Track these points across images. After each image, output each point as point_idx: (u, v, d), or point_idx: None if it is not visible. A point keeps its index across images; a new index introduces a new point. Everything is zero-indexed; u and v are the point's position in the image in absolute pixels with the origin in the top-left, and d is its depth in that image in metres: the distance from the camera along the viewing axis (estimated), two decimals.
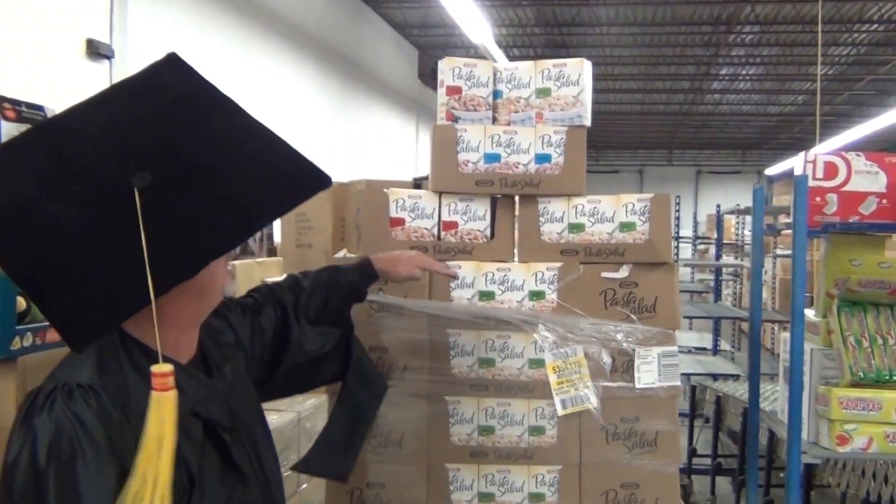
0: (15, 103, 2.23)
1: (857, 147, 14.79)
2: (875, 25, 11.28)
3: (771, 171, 18.33)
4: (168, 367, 1.15)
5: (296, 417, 2.79)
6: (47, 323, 1.74)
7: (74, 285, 1.15)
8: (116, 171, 1.14)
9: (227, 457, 1.33)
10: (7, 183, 1.15)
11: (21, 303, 1.67)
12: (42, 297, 1.18)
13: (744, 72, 14.85)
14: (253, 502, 1.37)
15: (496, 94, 2.11)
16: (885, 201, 2.97)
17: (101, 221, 1.15)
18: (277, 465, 1.51)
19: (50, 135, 1.18)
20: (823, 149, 13.88)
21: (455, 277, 2.00)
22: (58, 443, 1.12)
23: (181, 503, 1.21)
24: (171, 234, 1.16)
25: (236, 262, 3.13)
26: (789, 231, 2.94)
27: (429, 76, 13.84)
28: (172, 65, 1.21)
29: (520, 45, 13.22)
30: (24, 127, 2.20)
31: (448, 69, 2.09)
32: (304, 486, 2.79)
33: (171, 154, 1.18)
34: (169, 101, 1.20)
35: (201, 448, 1.27)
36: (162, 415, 1.13)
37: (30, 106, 2.28)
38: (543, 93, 2.08)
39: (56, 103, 2.39)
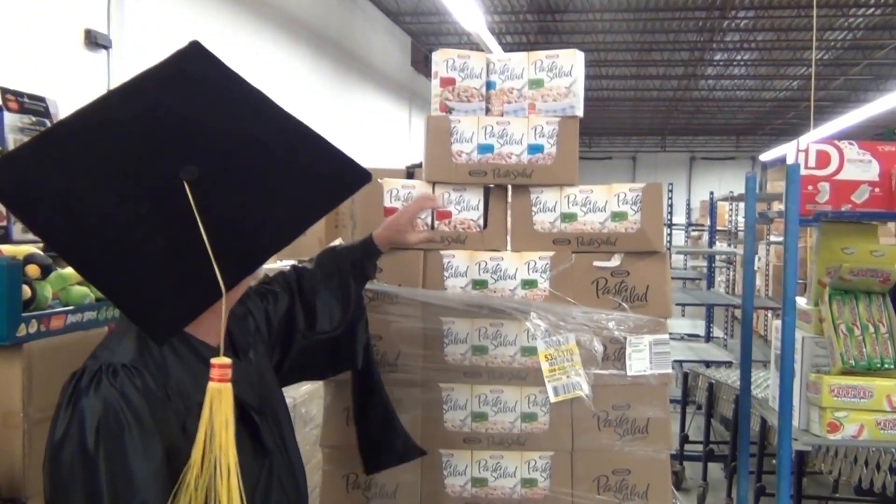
0: (17, 94, 2.23)
1: (852, 132, 14.82)
2: (871, 9, 11.26)
3: (765, 156, 18.35)
4: (227, 361, 1.18)
5: (292, 403, 2.81)
6: (52, 310, 1.76)
7: (142, 281, 1.16)
8: (162, 164, 1.14)
9: (257, 436, 1.38)
10: (47, 176, 1.13)
11: (26, 290, 1.69)
12: (110, 293, 1.19)
13: (738, 57, 14.82)
14: (278, 479, 1.41)
15: (489, 85, 2.11)
16: (877, 190, 2.99)
17: (158, 217, 1.15)
18: (296, 444, 1.55)
19: (80, 128, 1.16)
20: (819, 134, 13.89)
21: (441, 206, 2.05)
22: (106, 420, 1.15)
23: None
24: (230, 228, 1.17)
25: None
26: (782, 219, 2.95)
27: (421, 63, 13.82)
28: (197, 54, 1.17)
29: (513, 32, 13.17)
30: (26, 117, 2.21)
31: (442, 61, 2.10)
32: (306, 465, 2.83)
33: (211, 146, 1.17)
34: (199, 91, 1.17)
35: (235, 427, 1.31)
36: (221, 404, 1.17)
37: (32, 97, 2.28)
38: (536, 84, 2.08)
39: (54, 93, 2.39)
